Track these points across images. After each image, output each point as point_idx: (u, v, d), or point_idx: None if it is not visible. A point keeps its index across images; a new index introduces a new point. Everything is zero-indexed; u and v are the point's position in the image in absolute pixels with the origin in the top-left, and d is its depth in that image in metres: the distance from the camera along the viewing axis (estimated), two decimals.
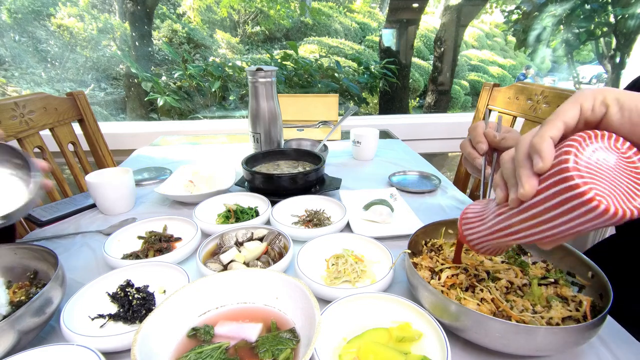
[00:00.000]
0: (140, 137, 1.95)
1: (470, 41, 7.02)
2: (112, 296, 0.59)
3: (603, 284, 0.53)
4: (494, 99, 1.45)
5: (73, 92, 1.37)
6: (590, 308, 0.51)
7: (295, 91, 3.23)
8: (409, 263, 0.57)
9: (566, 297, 0.55)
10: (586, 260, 0.58)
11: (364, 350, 0.48)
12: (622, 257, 0.77)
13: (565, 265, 0.62)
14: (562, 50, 5.08)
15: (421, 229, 0.67)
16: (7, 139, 1.07)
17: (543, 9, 4.46)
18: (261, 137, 1.22)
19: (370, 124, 1.85)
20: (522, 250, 0.68)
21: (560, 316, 0.50)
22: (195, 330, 0.49)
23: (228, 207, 0.88)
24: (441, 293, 0.51)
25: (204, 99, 3.41)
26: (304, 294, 0.50)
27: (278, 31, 4.97)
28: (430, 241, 0.69)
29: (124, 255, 0.73)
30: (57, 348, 0.46)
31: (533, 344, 0.45)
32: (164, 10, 4.51)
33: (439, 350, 0.47)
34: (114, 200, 0.93)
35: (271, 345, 0.46)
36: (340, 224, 0.81)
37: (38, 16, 3.71)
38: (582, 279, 0.58)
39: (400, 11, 3.64)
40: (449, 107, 4.54)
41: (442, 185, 1.12)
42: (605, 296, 0.51)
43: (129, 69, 3.37)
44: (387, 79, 3.58)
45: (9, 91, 3.50)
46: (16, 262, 0.62)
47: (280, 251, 0.71)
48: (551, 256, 0.64)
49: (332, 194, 1.01)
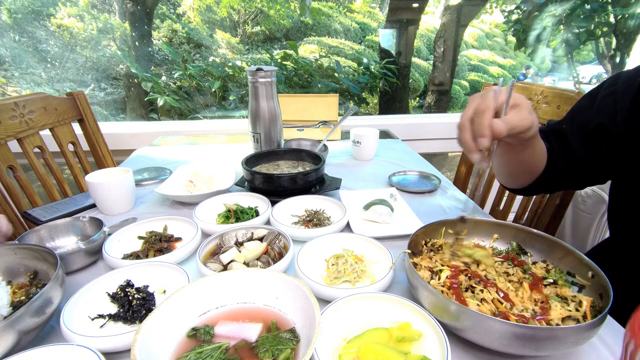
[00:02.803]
0: (140, 137, 1.95)
1: (470, 41, 7.03)
2: (112, 296, 0.59)
3: (603, 283, 0.53)
4: None
5: (73, 92, 1.37)
6: (590, 308, 0.51)
7: (295, 91, 3.23)
8: (409, 263, 0.57)
9: (566, 297, 0.55)
10: (586, 260, 0.58)
11: (364, 350, 0.48)
12: (621, 257, 0.77)
13: (565, 265, 0.62)
14: (562, 50, 5.08)
15: (421, 229, 0.67)
16: (7, 139, 1.07)
17: (543, 9, 4.46)
18: (261, 137, 1.22)
19: (370, 124, 1.85)
20: (522, 250, 0.68)
21: (560, 316, 0.50)
22: (195, 330, 0.49)
23: (228, 207, 0.88)
24: (441, 293, 0.51)
25: (204, 99, 3.41)
26: (304, 294, 0.50)
27: (278, 31, 4.97)
28: (430, 241, 0.69)
29: (124, 256, 0.73)
30: (57, 348, 0.46)
31: (533, 344, 0.45)
32: (164, 10, 4.51)
33: (439, 350, 0.47)
34: (114, 200, 0.93)
35: (271, 345, 0.46)
36: (340, 224, 0.81)
37: (38, 16, 3.71)
38: (582, 279, 0.58)
39: (400, 11, 3.64)
40: (449, 107, 4.53)
41: (442, 185, 1.12)
42: (605, 296, 0.51)
43: (129, 69, 3.37)
44: (387, 79, 3.58)
45: (9, 91, 3.50)
46: (16, 262, 0.62)
47: (280, 251, 0.71)
48: (551, 256, 0.64)
49: (332, 194, 1.01)
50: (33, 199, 1.13)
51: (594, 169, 0.75)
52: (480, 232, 0.72)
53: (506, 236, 0.70)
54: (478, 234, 0.71)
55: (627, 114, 0.66)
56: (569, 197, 1.14)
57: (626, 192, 0.73)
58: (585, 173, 0.76)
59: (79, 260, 0.70)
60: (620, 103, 0.67)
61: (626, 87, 0.67)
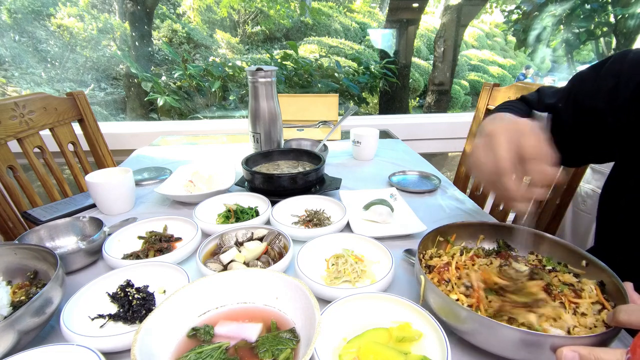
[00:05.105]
0: (140, 137, 1.95)
1: (470, 41, 7.03)
2: (112, 296, 0.59)
3: (601, 269, 0.53)
4: (494, 99, 1.45)
5: (73, 92, 1.37)
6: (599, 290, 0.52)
7: (295, 91, 3.23)
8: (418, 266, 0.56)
9: (571, 282, 0.54)
10: (576, 249, 0.58)
11: (364, 350, 0.48)
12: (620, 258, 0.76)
13: (555, 256, 0.62)
14: (562, 50, 5.08)
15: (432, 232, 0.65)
16: (7, 139, 1.07)
17: (543, 9, 4.46)
18: (261, 137, 1.22)
19: (370, 124, 1.84)
20: (508, 246, 0.67)
21: (573, 324, 0.48)
22: (195, 330, 0.49)
23: (228, 207, 0.88)
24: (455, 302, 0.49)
25: (204, 99, 3.41)
26: (304, 294, 0.50)
27: (278, 31, 4.97)
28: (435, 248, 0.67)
29: (124, 255, 0.73)
30: (57, 348, 0.46)
31: (546, 352, 0.43)
32: (164, 10, 4.51)
33: (439, 350, 0.47)
34: (114, 200, 0.93)
35: (271, 345, 0.46)
36: (340, 224, 0.81)
37: (38, 16, 3.71)
38: (575, 268, 0.58)
39: (400, 11, 3.64)
40: (449, 107, 4.54)
41: (442, 185, 1.12)
42: (610, 284, 0.51)
43: (129, 69, 3.37)
44: (387, 79, 3.58)
45: (9, 91, 3.50)
46: (16, 262, 0.62)
47: (280, 251, 0.71)
48: (539, 248, 0.64)
49: (332, 194, 1.01)
50: (33, 199, 1.13)
51: (587, 150, 0.73)
52: (463, 236, 0.70)
53: (492, 235, 0.69)
54: (461, 237, 0.70)
55: (630, 95, 0.62)
56: (569, 197, 1.14)
57: (625, 176, 0.69)
58: (576, 153, 0.74)
59: (79, 260, 0.70)
60: (624, 83, 0.62)
61: (633, 67, 0.62)
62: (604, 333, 0.44)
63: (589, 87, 0.69)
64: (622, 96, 0.63)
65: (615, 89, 0.63)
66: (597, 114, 0.66)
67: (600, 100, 0.66)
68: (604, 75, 0.66)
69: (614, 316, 0.44)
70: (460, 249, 0.66)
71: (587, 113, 0.68)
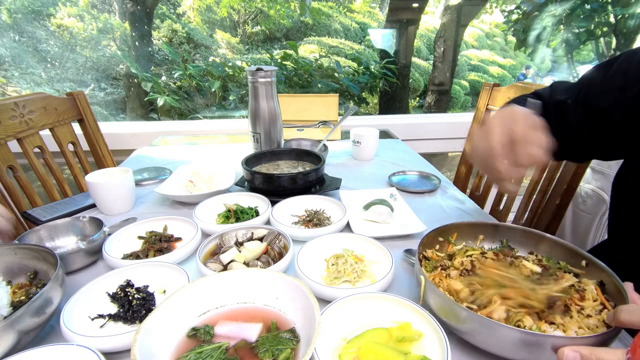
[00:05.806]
0: (140, 137, 1.95)
1: (470, 41, 7.03)
2: (112, 296, 0.59)
3: (601, 269, 0.53)
4: (494, 99, 1.45)
5: (73, 92, 1.37)
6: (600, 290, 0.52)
7: (295, 91, 3.23)
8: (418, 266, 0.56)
9: (572, 283, 0.54)
10: (576, 249, 0.58)
11: (364, 350, 0.48)
12: (620, 258, 0.76)
13: (555, 256, 0.62)
14: (562, 50, 5.08)
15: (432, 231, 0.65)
16: (7, 139, 1.07)
17: (543, 9, 4.46)
18: (261, 137, 1.22)
19: (370, 124, 1.84)
20: (509, 247, 0.67)
21: (577, 326, 0.49)
22: (195, 330, 0.49)
23: (228, 207, 0.88)
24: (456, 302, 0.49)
25: (204, 99, 3.41)
26: (304, 294, 0.50)
27: (278, 31, 4.98)
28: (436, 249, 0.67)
29: (124, 255, 0.73)
30: (57, 348, 0.46)
31: (546, 352, 0.43)
32: (164, 10, 4.51)
33: (439, 351, 0.47)
34: (113, 200, 0.93)
35: (271, 345, 0.46)
36: (340, 224, 0.81)
37: (38, 16, 3.71)
38: (575, 268, 0.58)
39: (400, 11, 3.64)
40: (449, 107, 4.54)
41: (442, 185, 1.12)
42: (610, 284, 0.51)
43: (128, 69, 3.37)
44: (387, 79, 3.58)
45: (9, 91, 3.50)
46: (16, 262, 0.62)
47: (280, 251, 0.71)
48: (539, 248, 0.64)
49: (332, 194, 1.01)
50: (33, 199, 1.13)
51: (594, 147, 0.73)
52: (463, 236, 0.70)
53: (492, 235, 0.69)
54: (462, 237, 0.70)
55: (638, 92, 0.62)
56: (569, 197, 1.14)
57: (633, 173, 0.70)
58: (583, 150, 0.74)
59: (79, 260, 0.70)
60: (632, 80, 0.63)
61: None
62: (605, 333, 0.44)
63: (598, 85, 0.70)
64: (630, 94, 0.64)
65: (624, 87, 0.65)
66: (605, 112, 0.67)
67: (609, 98, 0.66)
68: (613, 74, 0.67)
69: (614, 316, 0.44)
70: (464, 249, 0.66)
71: (595, 111, 0.69)
